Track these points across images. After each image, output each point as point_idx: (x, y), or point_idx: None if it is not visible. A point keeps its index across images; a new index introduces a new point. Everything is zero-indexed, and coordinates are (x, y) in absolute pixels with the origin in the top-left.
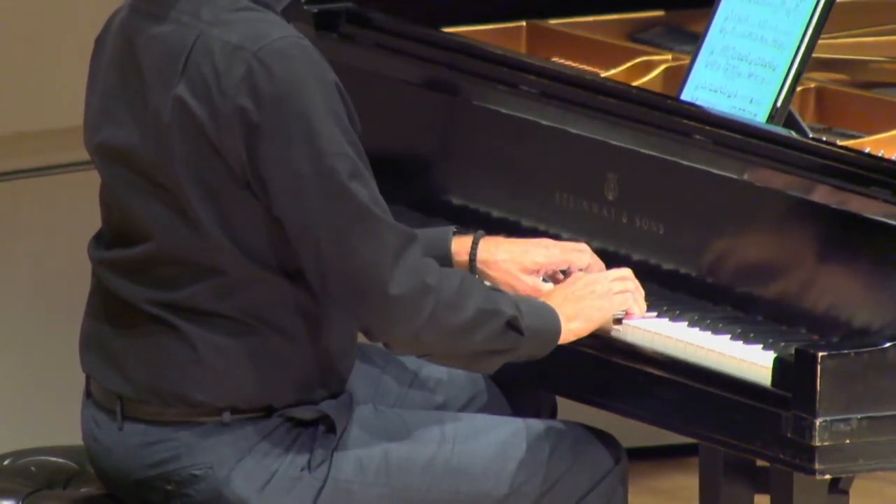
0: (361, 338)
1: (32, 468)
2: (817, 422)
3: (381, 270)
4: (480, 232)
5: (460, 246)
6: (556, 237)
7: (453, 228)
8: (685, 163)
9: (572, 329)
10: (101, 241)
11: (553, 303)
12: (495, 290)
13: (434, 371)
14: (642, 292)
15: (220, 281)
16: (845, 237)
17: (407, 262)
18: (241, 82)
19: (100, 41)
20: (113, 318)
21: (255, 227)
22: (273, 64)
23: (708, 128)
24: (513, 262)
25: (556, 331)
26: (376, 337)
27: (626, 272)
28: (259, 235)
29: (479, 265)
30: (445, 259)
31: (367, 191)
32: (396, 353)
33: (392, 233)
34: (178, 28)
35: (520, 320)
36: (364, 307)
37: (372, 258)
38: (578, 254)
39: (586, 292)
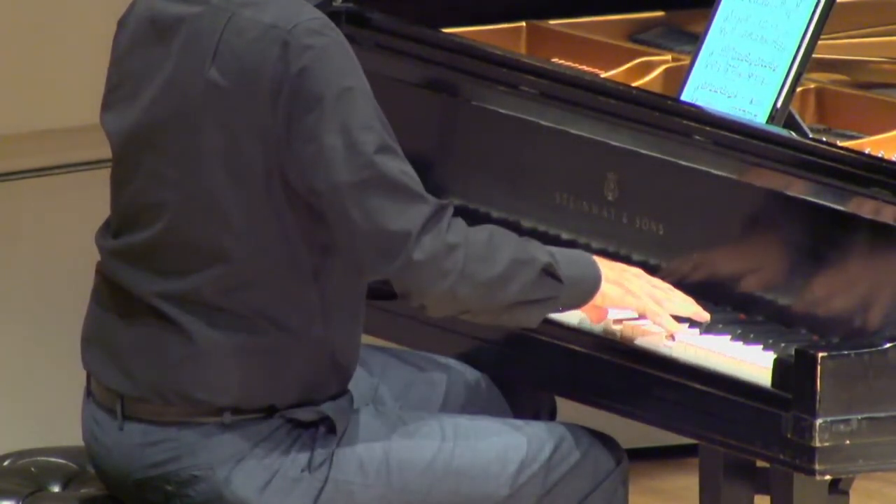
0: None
1: (32, 468)
2: (817, 422)
3: (407, 240)
4: None
5: None
6: (556, 237)
7: None
8: (685, 163)
9: (605, 292)
10: (109, 229)
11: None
12: (528, 239)
13: (434, 372)
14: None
15: (227, 270)
16: (846, 237)
17: (433, 229)
18: (276, 60)
19: (122, 22)
20: (116, 313)
21: (272, 216)
22: (307, 41)
23: (708, 128)
24: None
25: (596, 277)
26: (414, 300)
27: (661, 282)
28: (275, 226)
29: None
30: None
31: (395, 163)
32: (435, 314)
33: (420, 202)
34: (208, 9)
35: (556, 267)
36: (394, 274)
37: (398, 228)
38: None
39: (631, 276)
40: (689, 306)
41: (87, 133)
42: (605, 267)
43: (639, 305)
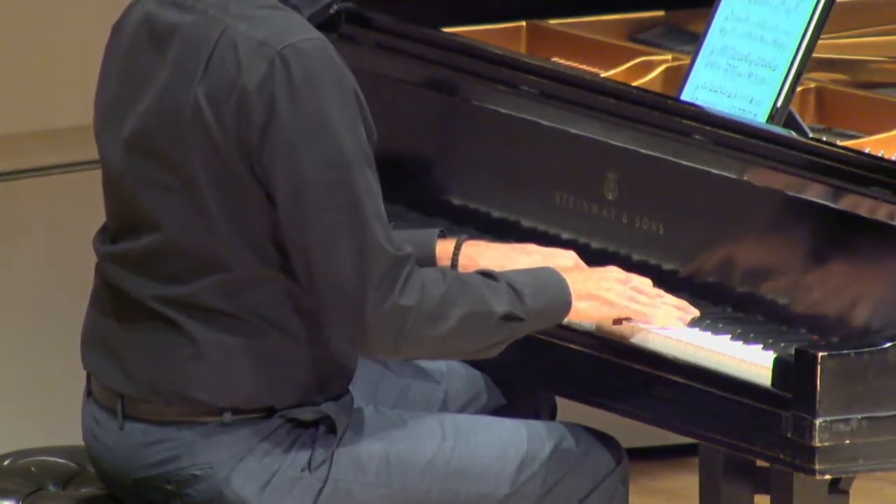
0: None
1: (32, 468)
2: (817, 422)
3: (362, 291)
4: (464, 236)
5: (444, 250)
6: (556, 237)
7: (438, 231)
8: (685, 163)
9: (580, 308)
10: (106, 234)
11: (570, 276)
12: (492, 281)
13: (434, 372)
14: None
15: (226, 277)
16: (845, 237)
17: (388, 286)
18: (263, 79)
19: (117, 27)
20: (116, 314)
21: (265, 225)
22: (295, 64)
23: (708, 128)
24: (494, 267)
25: (564, 301)
26: (356, 348)
27: (648, 288)
28: (268, 234)
29: (460, 270)
30: (429, 262)
31: (370, 204)
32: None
33: (381, 254)
34: (204, 20)
35: (516, 312)
36: (343, 321)
37: (354, 277)
38: (563, 260)
39: (611, 283)
40: (676, 311)
41: (87, 133)
42: (579, 281)
43: (620, 313)
